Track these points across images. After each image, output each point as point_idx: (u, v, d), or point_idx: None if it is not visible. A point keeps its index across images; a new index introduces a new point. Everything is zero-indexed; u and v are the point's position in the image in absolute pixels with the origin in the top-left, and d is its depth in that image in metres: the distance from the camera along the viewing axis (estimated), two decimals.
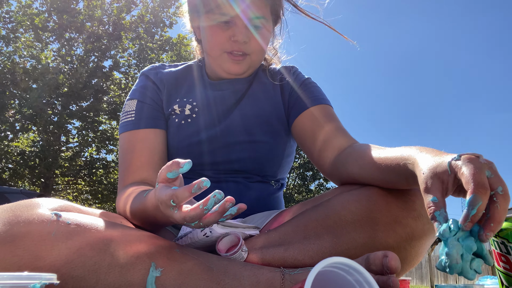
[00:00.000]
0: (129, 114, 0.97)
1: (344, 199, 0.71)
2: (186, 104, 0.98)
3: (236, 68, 0.93)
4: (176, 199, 0.55)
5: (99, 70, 10.38)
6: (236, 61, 0.92)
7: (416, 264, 0.73)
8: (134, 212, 0.75)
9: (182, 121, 0.97)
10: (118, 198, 0.87)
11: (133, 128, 0.95)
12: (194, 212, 0.55)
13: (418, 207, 0.67)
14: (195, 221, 0.56)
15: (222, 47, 0.90)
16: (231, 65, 0.92)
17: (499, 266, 0.78)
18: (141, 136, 0.94)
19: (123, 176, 0.91)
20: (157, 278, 0.58)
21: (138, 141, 0.93)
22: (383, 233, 0.66)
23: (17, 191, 5.36)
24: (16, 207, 0.58)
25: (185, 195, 0.54)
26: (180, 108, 0.98)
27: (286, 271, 0.63)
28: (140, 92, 1.00)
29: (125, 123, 0.97)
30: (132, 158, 0.92)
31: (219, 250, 0.68)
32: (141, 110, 0.97)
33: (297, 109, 0.98)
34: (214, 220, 0.58)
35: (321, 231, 0.69)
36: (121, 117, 0.99)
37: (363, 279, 0.42)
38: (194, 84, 1.03)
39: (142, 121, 0.95)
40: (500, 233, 0.78)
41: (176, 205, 0.55)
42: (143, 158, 0.91)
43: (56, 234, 0.56)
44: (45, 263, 0.54)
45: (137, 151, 0.92)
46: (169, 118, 0.99)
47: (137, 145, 0.93)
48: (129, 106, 0.98)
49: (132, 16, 11.28)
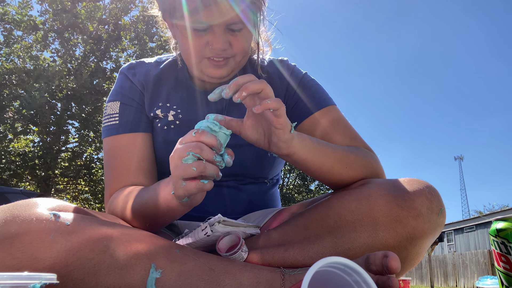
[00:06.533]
0: (112, 117, 0.92)
1: (344, 198, 0.71)
2: (169, 110, 0.93)
3: (218, 72, 0.85)
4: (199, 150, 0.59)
5: (100, 71, 10.37)
6: (218, 66, 0.84)
7: (416, 264, 0.73)
8: (139, 206, 0.73)
9: (165, 126, 0.93)
10: (111, 201, 0.85)
11: (117, 132, 0.90)
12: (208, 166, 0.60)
13: (418, 206, 0.66)
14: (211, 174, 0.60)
15: (201, 54, 0.82)
16: (213, 70, 0.84)
17: (499, 266, 0.78)
18: (127, 141, 0.90)
19: (112, 183, 0.87)
20: (157, 279, 0.57)
21: (124, 146, 0.89)
22: (384, 233, 0.66)
23: (17, 191, 5.35)
24: (14, 207, 0.57)
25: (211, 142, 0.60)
26: (163, 113, 0.93)
27: (286, 271, 0.63)
28: (122, 93, 0.94)
29: (108, 127, 0.92)
30: (120, 164, 0.88)
31: (219, 250, 0.68)
32: (124, 113, 0.92)
33: (299, 113, 0.93)
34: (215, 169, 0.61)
35: (321, 231, 0.69)
36: (104, 120, 0.94)
37: (362, 279, 0.42)
38: (177, 87, 0.96)
39: (128, 125, 0.91)
40: (500, 233, 0.78)
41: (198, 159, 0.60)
42: (132, 165, 0.88)
43: (55, 235, 0.55)
44: (44, 265, 0.53)
45: (125, 157, 0.88)
46: (153, 121, 0.95)
47: (123, 150, 0.89)
48: (111, 108, 0.93)
49: (132, 17, 11.28)
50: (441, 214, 0.68)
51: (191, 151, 0.59)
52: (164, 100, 0.94)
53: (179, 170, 0.60)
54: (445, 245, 20.58)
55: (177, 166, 0.60)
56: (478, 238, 17.86)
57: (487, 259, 12.26)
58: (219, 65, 0.84)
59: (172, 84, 0.96)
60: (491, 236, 0.81)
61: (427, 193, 0.68)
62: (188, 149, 0.59)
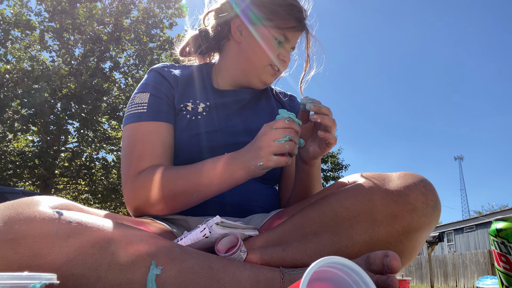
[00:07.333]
0: (141, 106, 0.98)
1: (340, 195, 0.72)
2: (200, 103, 1.02)
3: (271, 80, 1.05)
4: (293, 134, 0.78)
5: (99, 71, 10.37)
6: (274, 75, 1.04)
7: (413, 258, 0.74)
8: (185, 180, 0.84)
9: (193, 117, 1.00)
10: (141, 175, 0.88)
11: (146, 119, 0.96)
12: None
13: (413, 201, 0.67)
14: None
15: (270, 61, 1.00)
16: (269, 77, 1.04)
17: (499, 266, 0.78)
18: (154, 128, 0.95)
19: (137, 162, 0.91)
20: (158, 276, 0.58)
21: (151, 133, 0.94)
22: (380, 228, 0.67)
23: (17, 191, 5.36)
24: (17, 205, 0.58)
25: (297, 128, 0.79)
26: (193, 105, 1.01)
27: (285, 271, 0.63)
28: (153, 87, 1.01)
29: (135, 114, 0.97)
30: (146, 148, 0.92)
31: (218, 251, 0.68)
32: (153, 103, 0.98)
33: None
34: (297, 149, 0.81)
35: (318, 229, 0.69)
36: (130, 108, 0.99)
37: (361, 279, 0.42)
38: (205, 87, 1.07)
39: (156, 114, 0.97)
40: (500, 233, 0.78)
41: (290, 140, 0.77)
42: (158, 150, 0.93)
43: (58, 233, 0.56)
44: (45, 261, 0.54)
45: (151, 142, 0.93)
46: (178, 114, 1.01)
47: (151, 136, 0.94)
48: (140, 98, 0.99)
49: (132, 18, 11.27)
50: (436, 208, 0.69)
51: (287, 134, 0.77)
52: (194, 95, 1.04)
53: (274, 147, 0.76)
54: (445, 245, 20.59)
55: (270, 144, 0.77)
56: (478, 238, 17.88)
57: (487, 259, 12.27)
58: (275, 75, 1.04)
59: (201, 84, 1.08)
60: (491, 236, 0.81)
61: (422, 187, 0.68)
62: (285, 132, 0.77)
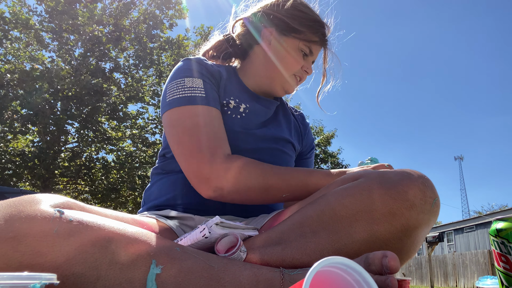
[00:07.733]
0: (198, 90, 0.94)
1: (338, 194, 0.71)
2: (241, 103, 1.03)
3: (292, 89, 1.10)
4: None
5: (99, 72, 10.36)
6: (297, 83, 1.09)
7: (413, 256, 0.73)
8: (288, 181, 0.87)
9: (233, 115, 1.00)
10: (242, 163, 0.86)
11: (208, 104, 0.93)
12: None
13: (411, 197, 0.66)
14: None
15: (294, 71, 1.05)
16: (292, 86, 1.08)
17: (499, 266, 0.78)
18: (216, 114, 0.94)
19: (219, 143, 0.89)
20: (158, 275, 0.58)
21: (215, 118, 0.93)
22: (379, 226, 0.66)
23: (17, 191, 5.36)
24: (18, 203, 0.58)
25: None
26: (235, 104, 1.02)
27: (285, 271, 0.63)
28: (201, 73, 0.98)
29: (194, 97, 0.92)
30: (215, 131, 0.90)
31: (218, 251, 0.68)
32: (210, 90, 0.96)
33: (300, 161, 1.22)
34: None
35: (317, 227, 0.69)
36: (183, 91, 0.93)
37: (362, 278, 0.42)
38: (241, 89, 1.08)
39: (215, 101, 0.96)
40: (500, 233, 0.78)
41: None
42: (224, 135, 0.93)
43: (58, 231, 0.56)
44: (46, 260, 0.54)
45: (217, 126, 0.92)
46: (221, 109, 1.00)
47: (217, 121, 0.93)
48: (192, 82, 0.95)
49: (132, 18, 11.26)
50: (435, 204, 0.68)
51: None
52: (235, 93, 1.05)
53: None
54: (445, 245, 20.59)
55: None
56: (478, 238, 17.88)
57: (487, 259, 12.27)
58: (298, 84, 1.09)
59: (237, 85, 1.09)
60: (491, 236, 0.81)
61: (420, 183, 0.68)
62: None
